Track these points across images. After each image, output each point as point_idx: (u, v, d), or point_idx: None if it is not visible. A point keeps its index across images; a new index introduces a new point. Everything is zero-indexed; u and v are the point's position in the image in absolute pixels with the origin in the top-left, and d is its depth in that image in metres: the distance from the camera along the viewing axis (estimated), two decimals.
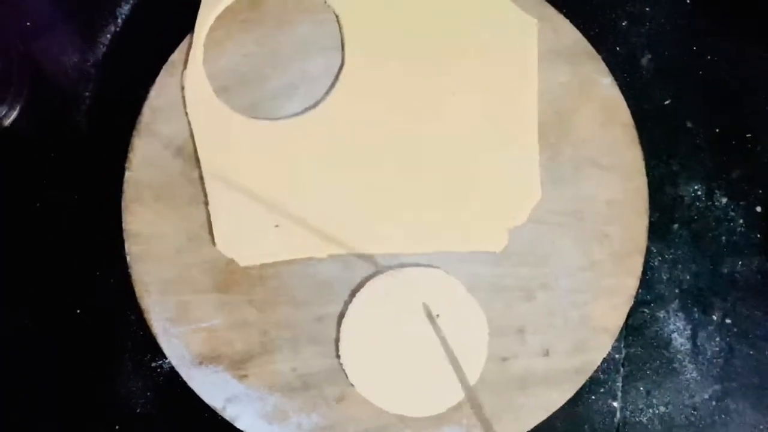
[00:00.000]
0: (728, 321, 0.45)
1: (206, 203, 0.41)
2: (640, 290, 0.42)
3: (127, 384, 0.45)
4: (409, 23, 0.42)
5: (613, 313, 0.41)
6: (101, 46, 0.46)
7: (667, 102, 0.47)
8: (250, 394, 0.40)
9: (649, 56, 0.47)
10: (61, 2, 0.46)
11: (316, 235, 0.41)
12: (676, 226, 0.46)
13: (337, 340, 0.41)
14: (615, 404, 0.45)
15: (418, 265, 0.41)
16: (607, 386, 0.45)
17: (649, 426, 0.45)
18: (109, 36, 0.46)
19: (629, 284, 0.41)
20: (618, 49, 0.47)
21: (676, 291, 0.45)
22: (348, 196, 0.41)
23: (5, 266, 0.45)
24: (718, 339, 0.45)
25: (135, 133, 0.41)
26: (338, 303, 0.41)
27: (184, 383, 0.41)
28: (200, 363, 0.40)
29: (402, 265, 0.41)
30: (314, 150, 0.41)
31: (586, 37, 0.43)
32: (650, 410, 0.45)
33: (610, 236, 0.41)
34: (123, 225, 0.40)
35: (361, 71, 0.42)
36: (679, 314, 0.45)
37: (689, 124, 0.47)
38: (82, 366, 0.45)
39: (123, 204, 0.41)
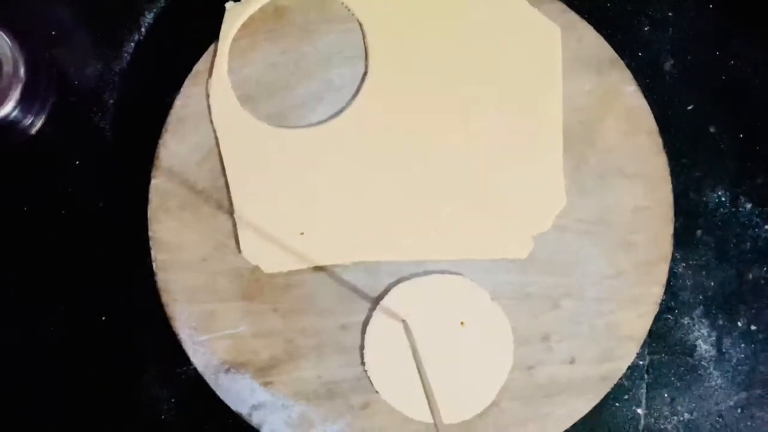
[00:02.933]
0: (753, 328, 0.45)
1: (231, 211, 0.41)
2: (664, 297, 0.42)
3: (151, 390, 0.45)
4: (432, 32, 0.42)
5: (639, 321, 0.41)
6: (126, 55, 0.46)
7: (690, 107, 0.46)
8: (275, 402, 0.41)
9: (672, 62, 0.47)
10: (86, 12, 0.47)
11: (341, 243, 0.41)
12: (700, 232, 0.46)
13: (361, 348, 0.41)
14: (639, 411, 0.45)
15: (442, 272, 0.41)
16: (631, 393, 0.45)
17: None
18: (133, 45, 0.46)
19: (655, 292, 0.41)
20: (640, 54, 0.46)
21: (701, 297, 0.45)
22: (372, 204, 0.41)
23: (31, 273, 0.45)
24: (743, 346, 0.45)
25: (161, 141, 0.41)
26: (363, 311, 0.41)
27: (208, 390, 0.41)
28: (226, 370, 0.41)
29: (426, 273, 0.41)
30: (338, 158, 0.42)
31: (608, 43, 0.43)
32: (675, 417, 0.45)
33: (635, 244, 0.41)
34: (149, 233, 0.41)
35: (384, 79, 0.42)
36: (704, 321, 0.45)
37: (712, 130, 0.46)
38: (107, 372, 0.45)
39: (149, 212, 0.41)
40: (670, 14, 0.47)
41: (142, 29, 0.46)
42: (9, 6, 0.46)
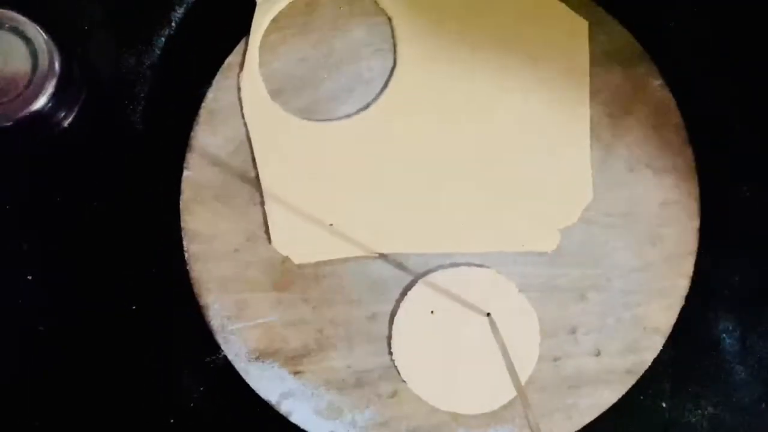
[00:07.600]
0: None
1: (262, 203, 0.42)
2: (689, 291, 0.42)
3: (181, 379, 0.45)
4: (460, 25, 0.43)
5: (666, 314, 0.41)
6: (156, 50, 0.47)
7: (715, 104, 0.46)
8: (304, 390, 0.41)
9: (697, 59, 0.47)
10: (118, 6, 0.47)
11: (370, 234, 0.42)
12: (725, 227, 0.46)
13: (389, 338, 0.41)
14: (663, 404, 0.45)
15: (469, 264, 0.42)
16: (655, 386, 0.45)
17: (698, 427, 0.45)
18: (164, 39, 0.47)
19: (681, 285, 0.41)
20: (666, 50, 0.47)
21: (726, 292, 0.45)
22: (401, 196, 0.42)
23: (63, 264, 0.46)
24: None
25: (192, 133, 0.42)
26: (391, 301, 0.42)
27: (237, 378, 0.42)
28: (256, 358, 0.41)
29: (454, 265, 0.42)
30: (367, 150, 0.42)
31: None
32: (699, 411, 0.45)
33: (662, 237, 0.41)
34: (182, 224, 0.41)
35: (412, 72, 0.43)
36: (729, 315, 0.45)
37: (738, 126, 0.46)
38: (137, 360, 0.46)
39: (181, 204, 0.42)
40: (695, 10, 0.47)
41: (173, 23, 0.47)
42: (43, 1, 0.47)
